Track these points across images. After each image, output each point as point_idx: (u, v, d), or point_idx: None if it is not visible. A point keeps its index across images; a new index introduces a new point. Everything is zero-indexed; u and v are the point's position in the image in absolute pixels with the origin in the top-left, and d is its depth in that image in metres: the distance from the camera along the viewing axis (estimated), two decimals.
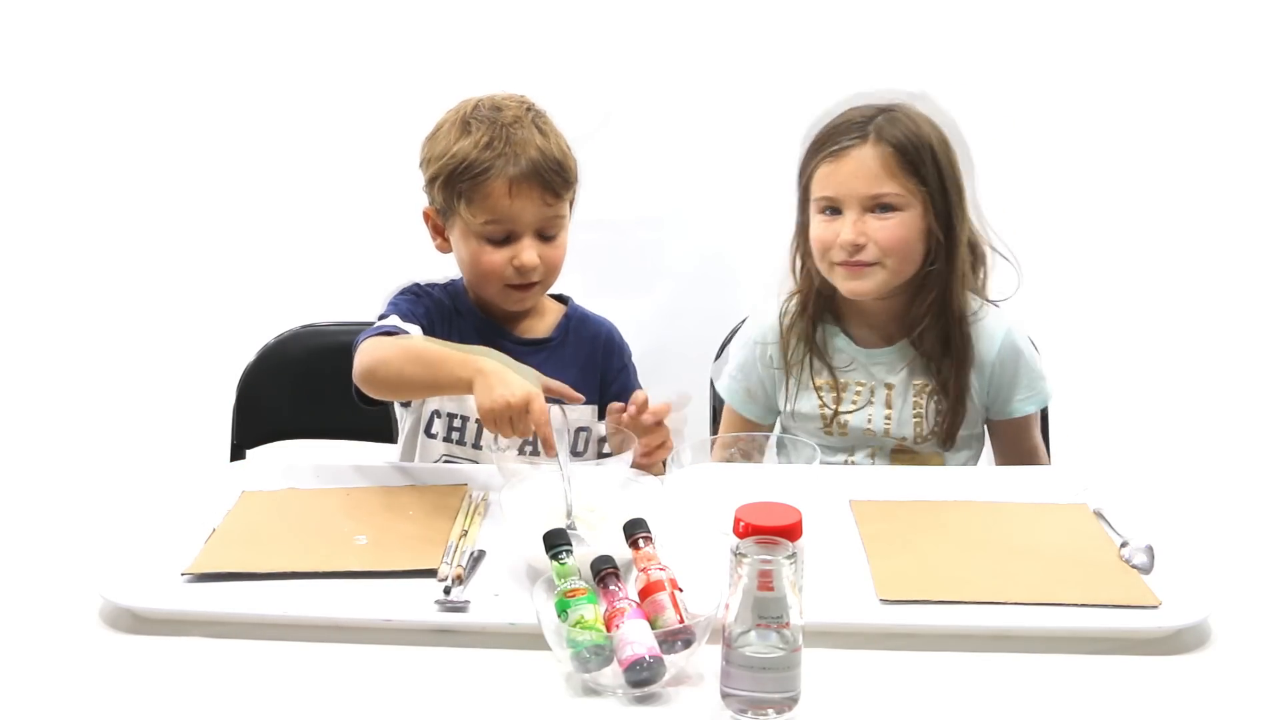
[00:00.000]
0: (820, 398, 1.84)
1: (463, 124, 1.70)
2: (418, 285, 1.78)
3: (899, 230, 1.74)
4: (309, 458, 1.69)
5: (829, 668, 1.16)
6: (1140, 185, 2.49)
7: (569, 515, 1.39)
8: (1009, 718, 1.14)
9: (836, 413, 1.83)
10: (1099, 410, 2.43)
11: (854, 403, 1.83)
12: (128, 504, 1.55)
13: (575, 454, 1.73)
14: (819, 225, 1.78)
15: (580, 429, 1.75)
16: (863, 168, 1.73)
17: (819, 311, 1.85)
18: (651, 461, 1.58)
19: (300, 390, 1.95)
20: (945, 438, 1.80)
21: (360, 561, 1.37)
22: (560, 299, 1.85)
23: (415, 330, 1.67)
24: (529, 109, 1.73)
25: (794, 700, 1.11)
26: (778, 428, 1.91)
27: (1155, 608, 1.26)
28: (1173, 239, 2.53)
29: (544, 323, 1.81)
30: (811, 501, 1.24)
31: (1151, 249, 2.53)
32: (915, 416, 1.81)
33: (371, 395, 1.61)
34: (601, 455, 1.67)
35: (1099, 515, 1.48)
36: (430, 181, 1.72)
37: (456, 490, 1.55)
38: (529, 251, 1.68)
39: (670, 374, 1.88)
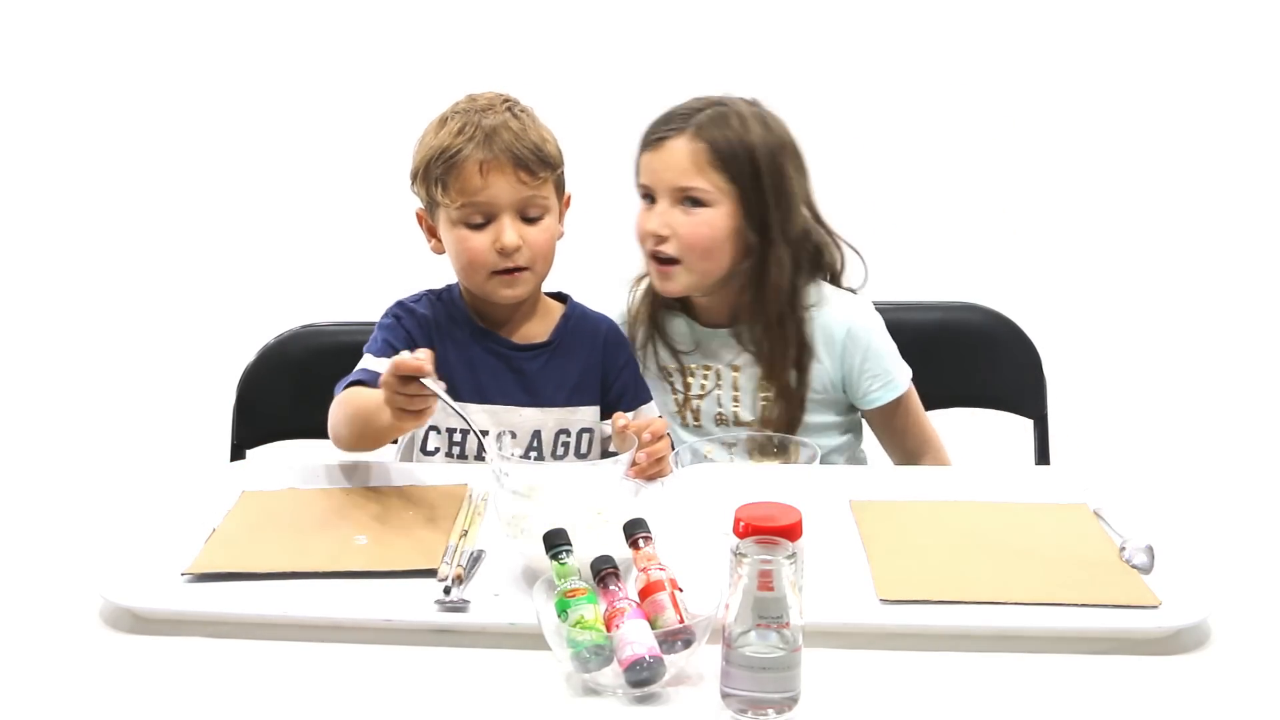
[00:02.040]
0: (670, 383, 1.84)
1: (440, 120, 1.73)
2: (400, 305, 1.78)
3: (702, 228, 1.74)
4: (309, 458, 1.69)
5: (829, 668, 1.16)
6: (1141, 189, 2.49)
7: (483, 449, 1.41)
8: (1009, 718, 1.14)
9: (687, 398, 1.83)
10: (1099, 411, 2.43)
11: (702, 387, 1.83)
12: (128, 504, 1.55)
13: (580, 455, 1.74)
14: (639, 213, 1.80)
15: (583, 430, 1.75)
16: (675, 159, 1.74)
17: (660, 296, 1.85)
18: (648, 478, 1.55)
19: (300, 390, 1.95)
20: (782, 426, 1.79)
21: (360, 561, 1.37)
22: (560, 298, 1.85)
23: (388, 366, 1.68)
24: (505, 101, 1.74)
25: (794, 700, 1.11)
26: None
27: (1155, 608, 1.26)
28: (1173, 241, 2.53)
29: (542, 325, 1.79)
30: (811, 501, 1.25)
31: (1152, 251, 2.54)
32: (763, 400, 1.81)
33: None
34: (606, 455, 1.68)
35: (1099, 515, 1.48)
36: (413, 179, 1.74)
37: (456, 490, 1.55)
38: (509, 231, 1.68)
39: None
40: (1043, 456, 1.98)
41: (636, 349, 1.85)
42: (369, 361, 1.69)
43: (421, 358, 1.45)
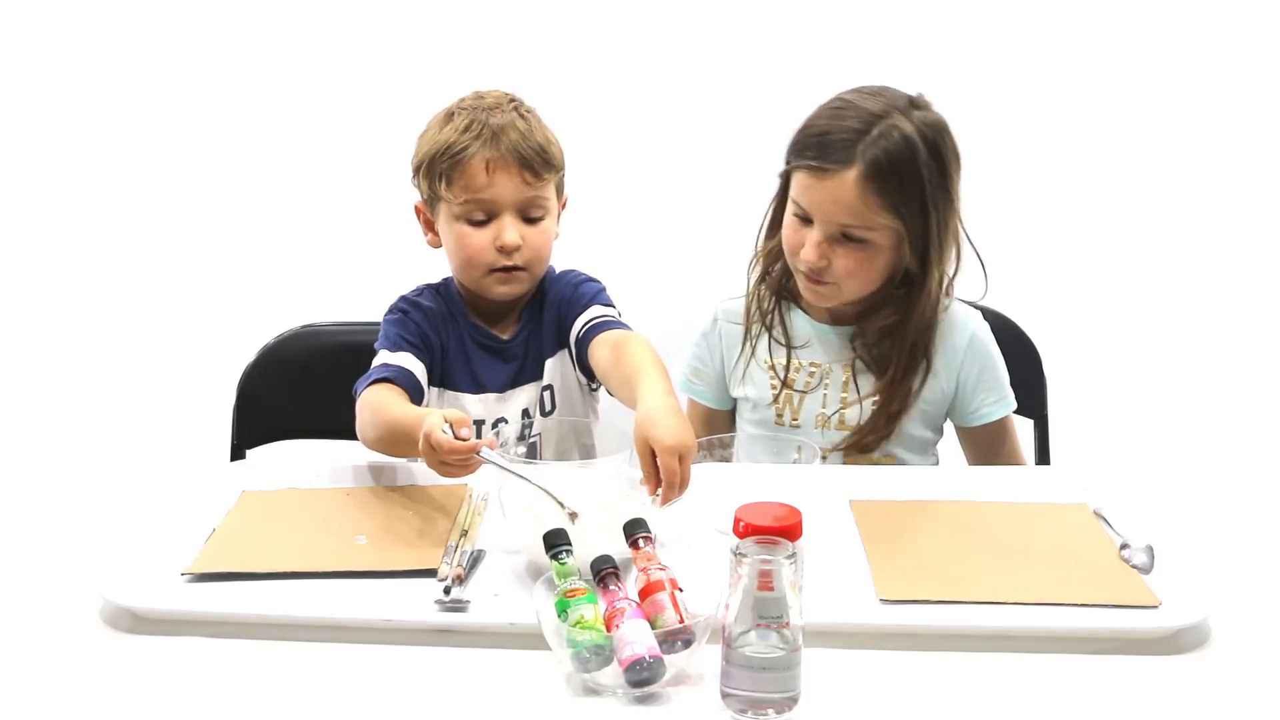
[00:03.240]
0: (774, 373, 1.80)
1: (446, 115, 1.74)
2: (404, 300, 1.79)
3: (861, 265, 1.68)
4: (309, 458, 1.69)
5: (829, 668, 1.16)
6: (1141, 187, 2.49)
7: (564, 509, 1.36)
8: (1009, 718, 1.14)
9: (789, 394, 1.78)
10: (1099, 411, 2.43)
11: (807, 384, 1.79)
12: (128, 504, 1.55)
13: (546, 412, 1.77)
14: (790, 226, 1.73)
15: (548, 385, 1.78)
16: (841, 195, 1.64)
17: (780, 285, 1.81)
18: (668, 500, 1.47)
19: (300, 390, 1.95)
20: (883, 434, 1.76)
21: (360, 561, 1.37)
22: None
23: (407, 359, 1.69)
24: (512, 100, 1.75)
25: (794, 700, 1.11)
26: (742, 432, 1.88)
27: (1155, 608, 1.26)
28: (1172, 240, 2.53)
29: (517, 310, 1.82)
30: (811, 501, 1.25)
31: (1151, 250, 2.53)
32: (873, 404, 1.76)
33: None
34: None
35: (1099, 515, 1.48)
36: (415, 171, 1.75)
37: (456, 490, 1.55)
38: (510, 230, 1.69)
39: (671, 377, 1.88)
40: (1043, 456, 1.98)
41: (750, 338, 1.81)
42: (386, 357, 1.70)
43: (466, 438, 1.40)
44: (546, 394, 1.79)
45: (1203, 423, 2.51)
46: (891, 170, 1.63)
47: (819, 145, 1.67)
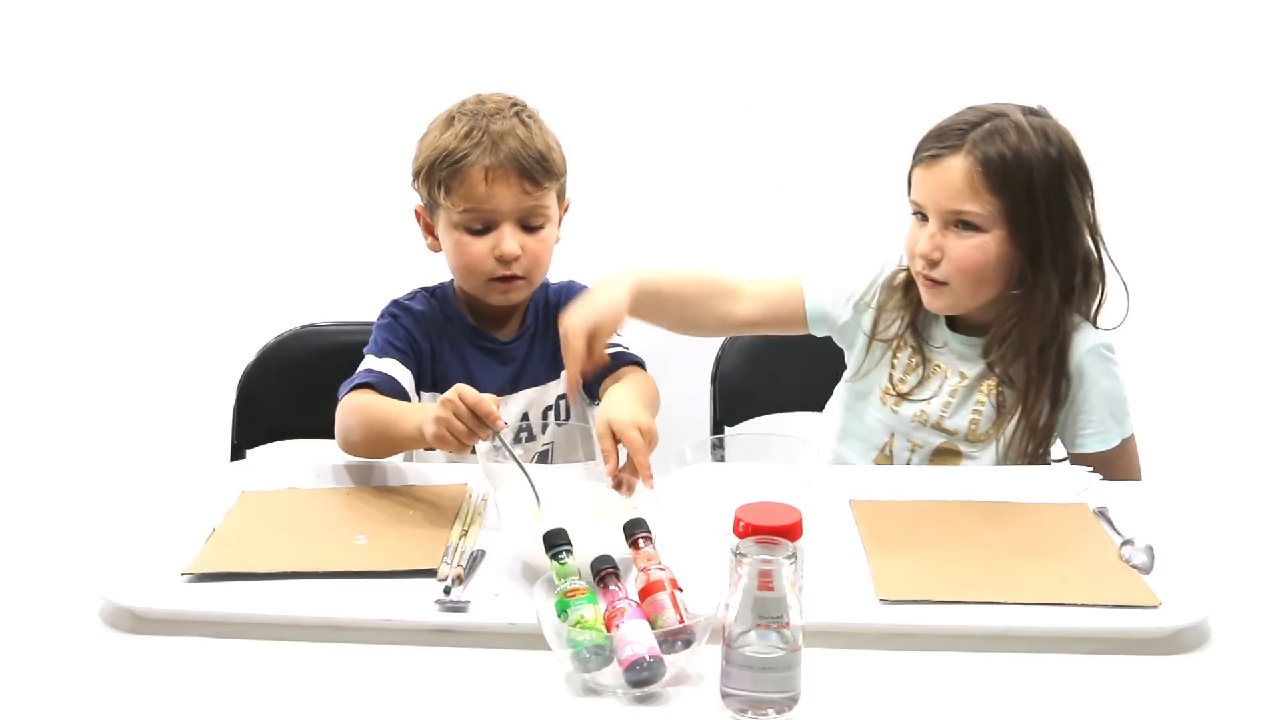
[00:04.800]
0: (896, 361, 1.78)
1: (447, 119, 1.73)
2: (396, 304, 1.79)
3: (975, 253, 1.66)
4: (309, 458, 1.69)
5: (829, 668, 1.16)
6: (1140, 187, 2.49)
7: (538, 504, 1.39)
8: (1009, 718, 1.14)
9: (899, 393, 1.76)
10: None
11: (924, 380, 1.77)
12: (128, 504, 1.55)
13: (559, 421, 1.78)
14: (910, 228, 1.73)
15: (560, 396, 1.79)
16: (949, 180, 1.65)
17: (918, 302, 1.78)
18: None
19: (300, 390, 1.95)
20: (997, 445, 1.73)
21: (360, 561, 1.37)
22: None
23: (393, 365, 1.69)
24: (514, 104, 1.74)
25: (794, 700, 1.11)
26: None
27: (1155, 608, 1.26)
28: (1172, 240, 2.53)
29: (519, 314, 1.82)
30: (811, 501, 1.25)
31: (1151, 250, 2.53)
32: (974, 413, 1.75)
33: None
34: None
35: (1099, 515, 1.48)
36: (415, 176, 1.75)
37: (456, 490, 1.55)
38: (510, 240, 1.69)
39: (670, 374, 1.88)
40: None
41: (879, 329, 1.78)
42: (372, 362, 1.70)
43: (498, 415, 1.42)
44: (562, 403, 1.79)
45: (1203, 423, 2.51)
46: (996, 153, 1.63)
47: (935, 136, 1.70)
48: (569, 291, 1.82)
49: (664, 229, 2.56)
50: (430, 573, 1.33)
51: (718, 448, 1.55)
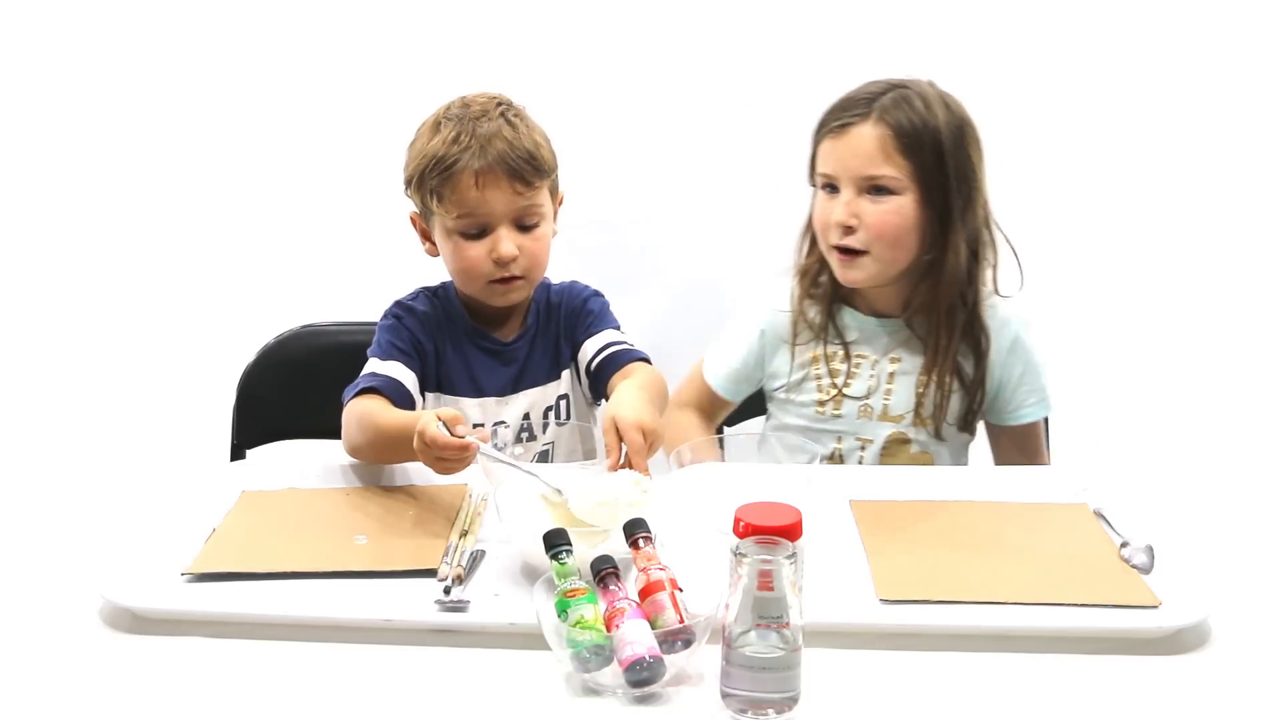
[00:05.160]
0: (825, 366, 1.81)
1: (434, 125, 1.72)
2: (399, 305, 1.79)
3: (891, 216, 1.71)
4: (309, 458, 1.69)
5: (829, 668, 1.16)
6: (1140, 188, 2.49)
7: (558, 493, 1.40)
8: (1009, 718, 1.14)
9: (838, 389, 1.80)
10: (1099, 411, 2.43)
11: (853, 375, 1.80)
12: (128, 504, 1.55)
13: (560, 422, 1.78)
14: (819, 203, 1.77)
15: (560, 396, 1.79)
16: (860, 146, 1.70)
17: (831, 286, 1.82)
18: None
19: (300, 390, 1.95)
20: (937, 423, 1.78)
21: (360, 561, 1.37)
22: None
23: (397, 368, 1.69)
24: (500, 104, 1.73)
25: (794, 700, 1.11)
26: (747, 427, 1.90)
27: (1155, 608, 1.26)
28: (1174, 241, 2.53)
29: (520, 313, 1.82)
30: (811, 501, 1.25)
31: (1152, 251, 2.53)
32: (917, 393, 1.78)
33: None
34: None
35: (1099, 515, 1.48)
36: (407, 185, 1.74)
37: (456, 490, 1.55)
38: (506, 242, 1.68)
39: (671, 374, 1.88)
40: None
41: (798, 343, 1.83)
42: (376, 366, 1.70)
43: (462, 434, 1.43)
44: (563, 403, 1.79)
45: (1203, 423, 2.51)
46: (906, 119, 1.69)
47: (840, 108, 1.74)
48: (570, 292, 1.83)
49: (664, 229, 2.56)
50: (430, 573, 1.33)
51: (718, 448, 1.55)
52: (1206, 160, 2.52)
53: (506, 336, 1.80)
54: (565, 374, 1.80)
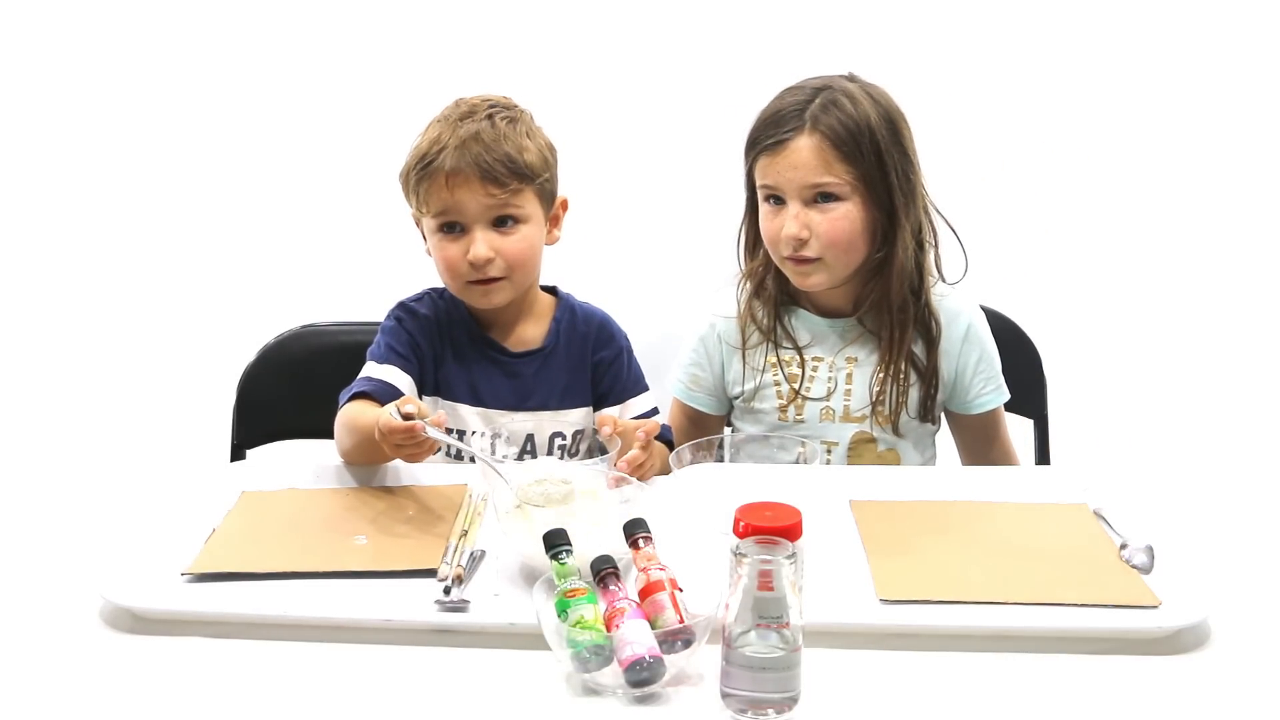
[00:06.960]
0: (781, 372, 1.82)
1: (429, 124, 1.72)
2: (402, 306, 1.77)
3: (841, 222, 1.71)
4: (309, 458, 1.69)
5: (829, 668, 1.16)
6: (1140, 188, 2.49)
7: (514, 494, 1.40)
8: (1009, 718, 1.14)
9: (796, 392, 1.80)
10: (1099, 411, 2.43)
11: (810, 378, 1.81)
12: (128, 504, 1.55)
13: (572, 455, 1.74)
14: (766, 215, 1.77)
15: (577, 431, 1.75)
16: (800, 159, 1.70)
17: (778, 289, 1.83)
18: (639, 476, 1.53)
19: (300, 390, 1.95)
20: (896, 415, 1.78)
21: (360, 561, 1.37)
22: (551, 291, 1.83)
23: (392, 372, 1.69)
24: (492, 105, 1.71)
25: (794, 700, 1.11)
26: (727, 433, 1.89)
27: (1155, 608, 1.26)
28: (1173, 239, 2.53)
29: (537, 328, 1.78)
30: (811, 501, 1.25)
31: (1152, 251, 2.53)
32: (879, 392, 1.78)
33: None
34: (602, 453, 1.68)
35: (1099, 515, 1.48)
36: (400, 183, 1.74)
37: (456, 490, 1.55)
38: (479, 244, 1.66)
39: (669, 374, 1.88)
40: (1043, 456, 1.98)
41: (748, 347, 1.83)
42: (371, 369, 1.69)
43: (410, 413, 1.46)
44: (579, 439, 1.76)
45: (1203, 423, 2.51)
46: (841, 125, 1.70)
47: (772, 123, 1.74)
48: (603, 333, 1.80)
49: (663, 229, 2.56)
50: (430, 573, 1.33)
51: (718, 448, 1.55)
52: (1204, 162, 2.53)
53: (515, 347, 1.77)
54: (584, 411, 1.77)
